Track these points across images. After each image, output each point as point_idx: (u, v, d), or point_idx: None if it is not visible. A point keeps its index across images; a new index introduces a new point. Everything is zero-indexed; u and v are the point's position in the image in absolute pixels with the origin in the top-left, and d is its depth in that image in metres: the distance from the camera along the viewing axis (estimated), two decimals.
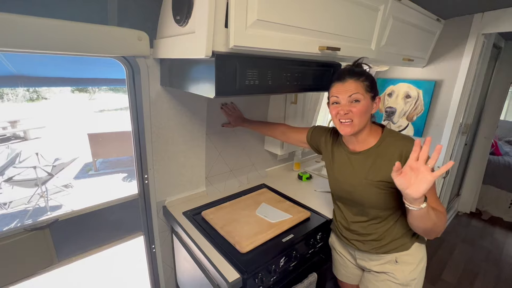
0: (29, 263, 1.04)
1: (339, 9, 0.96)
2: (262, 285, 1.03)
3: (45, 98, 10.54)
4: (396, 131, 1.00)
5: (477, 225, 2.94)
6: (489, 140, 2.85)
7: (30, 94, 10.25)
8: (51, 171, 3.81)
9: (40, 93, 10.41)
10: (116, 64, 1.07)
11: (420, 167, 0.73)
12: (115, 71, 1.31)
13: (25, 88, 9.92)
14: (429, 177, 0.72)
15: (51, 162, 4.12)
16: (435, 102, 1.86)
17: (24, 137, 6.69)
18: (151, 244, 1.39)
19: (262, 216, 1.29)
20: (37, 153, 4.20)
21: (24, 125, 6.91)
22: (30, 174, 3.74)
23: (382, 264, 1.06)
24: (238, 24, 0.72)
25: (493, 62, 2.59)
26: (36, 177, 3.62)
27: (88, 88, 11.59)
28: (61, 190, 4.10)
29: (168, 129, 1.27)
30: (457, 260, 2.38)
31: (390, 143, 0.95)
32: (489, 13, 1.57)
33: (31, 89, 10.19)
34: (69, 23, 0.83)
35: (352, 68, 0.96)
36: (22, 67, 1.48)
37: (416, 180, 0.74)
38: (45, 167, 3.86)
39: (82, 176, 4.77)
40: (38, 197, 3.75)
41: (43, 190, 3.78)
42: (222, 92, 0.78)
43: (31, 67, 1.52)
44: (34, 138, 6.74)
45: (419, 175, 0.73)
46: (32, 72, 1.54)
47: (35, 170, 3.60)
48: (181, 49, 0.84)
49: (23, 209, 3.63)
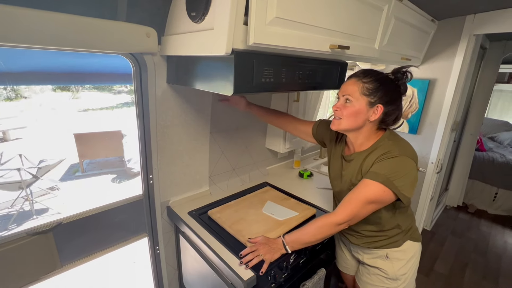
0: (32, 269, 1.00)
1: (349, 7, 0.97)
2: (275, 282, 1.03)
3: (25, 97, 10.05)
4: (396, 137, 0.98)
5: (464, 218, 3.08)
6: (475, 137, 2.99)
7: (8, 93, 9.75)
8: (36, 173, 3.65)
9: (19, 92, 9.92)
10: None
11: None
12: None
13: (2, 87, 9.42)
14: None
15: (35, 164, 3.94)
16: (429, 100, 1.93)
17: (4, 138, 6.36)
18: (155, 245, 1.37)
19: (269, 214, 1.30)
20: (20, 154, 4.00)
21: (3, 125, 6.57)
22: (14, 177, 3.57)
23: (374, 258, 1.10)
24: (258, 21, 0.72)
25: (479, 62, 2.71)
26: (20, 179, 3.46)
27: (70, 87, 11.15)
28: (47, 193, 3.94)
29: (173, 128, 1.24)
30: (447, 251, 2.48)
31: (379, 148, 0.94)
32: (480, 15, 1.64)
33: (8, 88, 9.68)
34: (76, 18, 0.79)
35: (364, 69, 0.97)
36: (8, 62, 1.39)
37: None
38: (29, 169, 3.70)
39: (69, 178, 4.60)
40: (23, 200, 3.58)
41: (28, 193, 3.62)
42: (240, 89, 0.78)
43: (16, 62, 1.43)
44: (14, 139, 6.42)
45: None
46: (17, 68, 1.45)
47: (19, 172, 3.44)
48: (196, 46, 0.83)
49: (6, 214, 3.46)
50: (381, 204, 0.91)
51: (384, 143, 0.95)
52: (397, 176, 0.86)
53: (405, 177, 0.86)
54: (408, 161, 0.88)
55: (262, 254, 0.97)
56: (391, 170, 0.86)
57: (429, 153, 1.97)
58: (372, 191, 0.87)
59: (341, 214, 0.92)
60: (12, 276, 0.96)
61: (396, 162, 0.88)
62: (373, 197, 0.87)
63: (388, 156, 0.89)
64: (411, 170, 0.88)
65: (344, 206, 0.92)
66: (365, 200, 0.88)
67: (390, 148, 0.91)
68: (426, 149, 1.99)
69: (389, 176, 0.86)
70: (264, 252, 0.98)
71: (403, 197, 0.87)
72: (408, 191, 0.87)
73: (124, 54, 0.98)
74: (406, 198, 0.88)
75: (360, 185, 0.90)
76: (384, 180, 0.85)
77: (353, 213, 0.90)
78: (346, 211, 0.91)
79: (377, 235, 1.07)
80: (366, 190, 0.88)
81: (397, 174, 0.86)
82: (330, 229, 0.94)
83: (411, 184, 0.88)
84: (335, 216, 0.92)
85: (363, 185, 0.90)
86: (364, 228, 1.08)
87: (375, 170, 0.89)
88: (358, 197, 0.89)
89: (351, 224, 0.94)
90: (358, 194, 0.90)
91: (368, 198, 0.88)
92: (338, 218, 0.92)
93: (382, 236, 1.07)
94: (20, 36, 0.72)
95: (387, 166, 0.88)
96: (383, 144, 0.94)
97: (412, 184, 0.88)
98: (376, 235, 1.07)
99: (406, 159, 0.88)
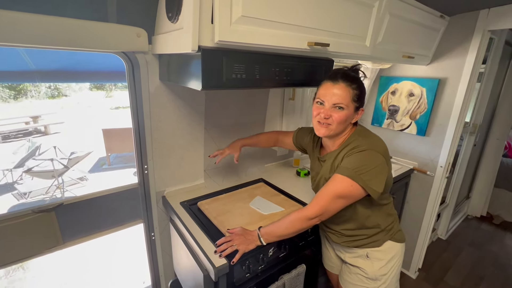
0: (36, 243, 1.13)
1: (326, 5, 0.98)
2: (249, 272, 1.07)
3: (66, 95, 11.04)
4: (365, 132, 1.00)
5: (487, 229, 2.85)
6: (502, 142, 2.75)
7: (52, 91, 10.76)
8: (67, 163, 4.01)
9: (61, 91, 10.91)
10: None
11: None
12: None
13: (47, 85, 10.44)
14: None
15: (67, 156, 4.33)
16: (439, 101, 1.83)
17: (45, 132, 7.05)
18: (151, 232, 1.46)
19: (255, 208, 1.33)
20: (55, 146, 4.42)
21: (45, 121, 7.28)
22: (48, 166, 3.96)
23: (354, 257, 1.10)
24: (222, 20, 0.76)
25: (507, 60, 2.50)
26: (53, 169, 3.82)
27: (105, 86, 12.03)
28: (77, 183, 4.31)
29: (167, 122, 1.33)
30: (462, 263, 2.32)
31: (350, 144, 0.95)
32: (495, 9, 1.53)
33: (52, 87, 10.69)
34: (72, 21, 0.90)
35: (348, 72, 0.96)
36: (39, 63, 1.59)
37: None
38: (61, 160, 4.07)
39: (97, 170, 4.99)
40: (55, 188, 3.96)
41: (60, 182, 3.99)
42: (209, 85, 0.83)
43: (47, 63, 1.63)
44: (53, 133, 7.09)
45: None
46: (47, 66, 1.65)
47: (52, 162, 3.80)
48: (172, 44, 0.90)
49: (41, 199, 3.85)
50: (351, 199, 0.91)
51: (355, 139, 0.95)
52: (364, 170, 0.86)
53: (373, 171, 0.86)
54: (376, 155, 0.88)
55: (236, 244, 1.01)
56: (358, 164, 0.87)
57: (438, 156, 1.87)
58: (340, 186, 0.88)
59: (312, 209, 0.93)
60: (19, 248, 1.10)
61: (363, 156, 0.88)
62: (341, 191, 0.88)
63: (356, 150, 0.89)
64: (379, 164, 0.87)
65: (315, 201, 0.93)
66: (333, 195, 0.89)
67: (359, 143, 0.91)
68: (435, 152, 1.89)
69: (356, 170, 0.86)
70: (239, 242, 1.02)
71: (372, 191, 0.87)
72: (376, 185, 0.86)
73: (117, 53, 1.08)
74: (376, 193, 0.87)
75: (330, 180, 0.91)
76: (351, 174, 0.86)
77: (323, 208, 0.91)
78: (317, 206, 0.92)
79: (356, 234, 1.06)
80: (334, 184, 0.89)
81: (364, 168, 0.86)
82: (302, 223, 0.96)
83: (380, 178, 0.87)
84: (306, 211, 0.94)
85: (332, 180, 0.91)
86: (343, 227, 1.08)
87: (344, 165, 0.90)
88: (327, 192, 0.90)
89: (322, 219, 0.95)
90: (327, 189, 0.91)
91: (336, 193, 0.88)
92: (309, 212, 0.93)
93: (362, 235, 1.06)
94: (26, 38, 0.84)
95: (354, 160, 0.88)
96: (353, 140, 0.95)
97: (381, 178, 0.87)
98: (356, 234, 1.07)
99: (373, 153, 0.88)
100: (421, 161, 1.98)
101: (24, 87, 9.73)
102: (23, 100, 9.75)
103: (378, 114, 2.16)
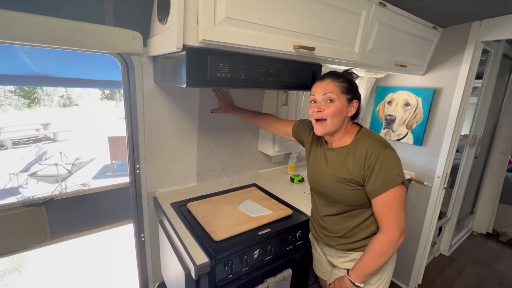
0: (25, 237, 1.15)
1: (312, 11, 1.02)
2: (232, 273, 1.06)
3: (77, 104, 11.41)
4: (372, 132, 1.01)
5: (493, 247, 2.73)
6: (506, 156, 2.69)
7: (64, 100, 11.15)
8: (71, 169, 4.09)
9: (72, 100, 11.30)
10: None
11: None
12: None
13: (60, 95, 10.83)
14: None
15: (72, 161, 4.42)
16: (434, 110, 1.83)
17: (54, 139, 7.25)
18: (141, 233, 1.46)
19: (244, 210, 1.33)
20: (60, 152, 4.52)
21: (55, 128, 7.50)
22: (53, 171, 4.04)
23: (348, 261, 1.07)
24: (206, 21, 0.80)
25: (507, 74, 2.49)
26: (57, 173, 3.90)
27: (115, 97, 12.40)
28: (79, 188, 4.37)
29: (160, 123, 1.36)
30: (466, 281, 2.22)
31: (361, 143, 0.97)
32: (487, 20, 1.55)
33: (64, 96, 11.07)
34: (71, 22, 0.96)
35: (335, 71, 1.01)
36: (44, 68, 1.68)
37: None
38: (65, 165, 4.16)
39: (100, 176, 5.05)
40: (58, 193, 4.02)
41: (63, 187, 4.05)
42: (193, 82, 0.86)
43: (51, 68, 1.72)
44: (62, 140, 7.27)
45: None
46: (52, 73, 1.74)
47: (56, 167, 3.89)
48: (162, 44, 0.94)
49: None
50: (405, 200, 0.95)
51: (365, 138, 0.98)
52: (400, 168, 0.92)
53: (401, 166, 0.93)
54: (393, 152, 0.93)
55: None
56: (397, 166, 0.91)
57: (435, 166, 1.84)
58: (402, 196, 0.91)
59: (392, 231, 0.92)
60: (7, 241, 1.11)
61: (390, 156, 0.91)
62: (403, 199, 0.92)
63: (381, 153, 0.90)
64: (398, 157, 0.94)
65: (390, 222, 0.92)
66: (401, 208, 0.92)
67: (374, 147, 0.93)
68: (432, 162, 1.86)
69: (399, 172, 0.90)
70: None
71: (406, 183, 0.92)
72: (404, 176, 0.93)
73: (112, 54, 1.14)
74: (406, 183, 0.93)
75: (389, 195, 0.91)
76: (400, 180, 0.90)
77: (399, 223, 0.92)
78: (395, 226, 0.91)
79: (353, 234, 1.04)
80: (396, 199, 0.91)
81: (400, 167, 0.92)
82: (392, 249, 0.94)
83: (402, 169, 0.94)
84: (389, 236, 0.92)
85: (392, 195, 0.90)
86: (343, 226, 1.05)
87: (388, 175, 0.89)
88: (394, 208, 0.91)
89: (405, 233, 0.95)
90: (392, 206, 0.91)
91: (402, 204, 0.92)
92: (392, 236, 0.92)
93: (358, 237, 1.03)
94: (28, 36, 0.90)
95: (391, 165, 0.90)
96: (364, 140, 0.97)
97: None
98: (352, 234, 1.04)
99: (392, 151, 0.93)
100: (418, 171, 1.96)
101: (38, 96, 10.11)
102: (35, 109, 10.10)
103: (375, 124, 2.16)
